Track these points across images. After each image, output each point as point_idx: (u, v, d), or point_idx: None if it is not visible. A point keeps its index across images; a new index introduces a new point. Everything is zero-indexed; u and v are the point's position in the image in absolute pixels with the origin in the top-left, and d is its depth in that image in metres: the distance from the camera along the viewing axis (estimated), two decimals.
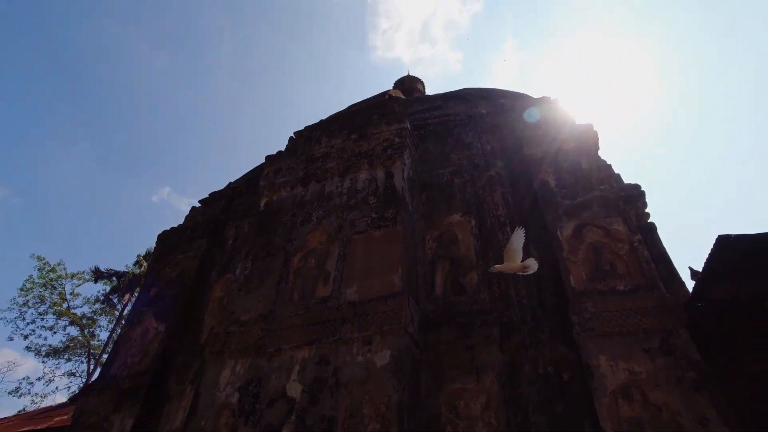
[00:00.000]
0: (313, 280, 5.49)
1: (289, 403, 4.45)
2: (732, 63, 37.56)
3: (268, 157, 7.52)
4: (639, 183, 8.14)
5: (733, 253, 3.92)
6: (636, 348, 4.65)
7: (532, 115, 7.16)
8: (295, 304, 5.30)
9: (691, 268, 5.00)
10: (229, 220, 7.98)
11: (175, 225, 8.62)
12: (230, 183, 9.30)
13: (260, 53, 56.81)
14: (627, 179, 8.34)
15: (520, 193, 6.67)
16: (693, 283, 5.28)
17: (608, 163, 6.84)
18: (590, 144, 7.00)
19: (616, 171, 7.52)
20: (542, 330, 5.12)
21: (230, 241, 7.59)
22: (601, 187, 6.27)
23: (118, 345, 7.16)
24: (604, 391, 4.43)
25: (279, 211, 6.59)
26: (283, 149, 7.72)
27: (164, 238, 8.37)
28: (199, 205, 9.11)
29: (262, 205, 6.87)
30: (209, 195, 9.04)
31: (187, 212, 8.97)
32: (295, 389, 4.54)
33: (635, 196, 7.82)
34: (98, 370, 17.73)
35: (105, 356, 18.27)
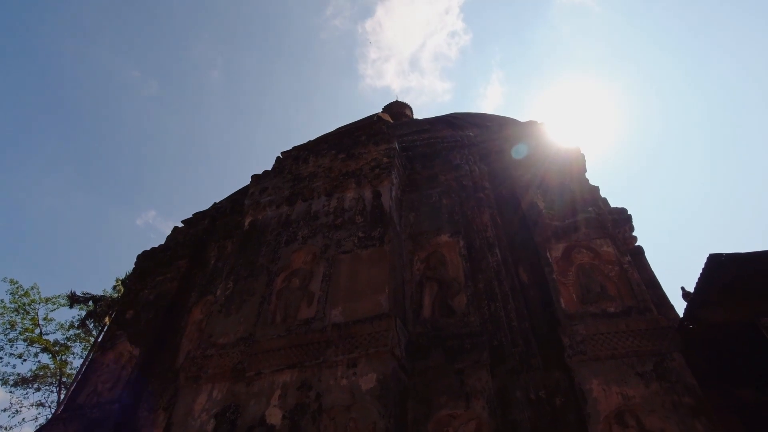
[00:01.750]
0: (296, 301, 5.28)
1: (269, 431, 4.18)
2: (718, 88, 39.07)
3: (254, 177, 7.39)
4: (625, 207, 8.24)
5: (725, 272, 3.87)
6: (629, 372, 4.52)
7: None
8: (277, 326, 5.07)
9: (683, 288, 4.95)
10: (212, 240, 7.76)
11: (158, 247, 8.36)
12: (215, 203, 9.11)
13: (250, 79, 57.40)
14: (612, 204, 8.42)
15: (509, 215, 6.63)
16: (684, 304, 5.23)
17: (595, 185, 6.87)
18: (577, 166, 7.04)
19: (603, 195, 7.57)
20: (533, 354, 4.98)
21: (212, 262, 7.35)
22: (589, 209, 6.27)
23: (88, 371, 6.77)
24: (597, 416, 4.27)
25: (263, 231, 6.41)
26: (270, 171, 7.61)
27: (143, 258, 8.09)
28: (182, 225, 8.87)
29: (246, 224, 6.69)
30: (192, 215, 8.83)
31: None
32: (275, 416, 4.27)
33: (622, 219, 7.86)
34: None
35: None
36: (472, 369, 4.62)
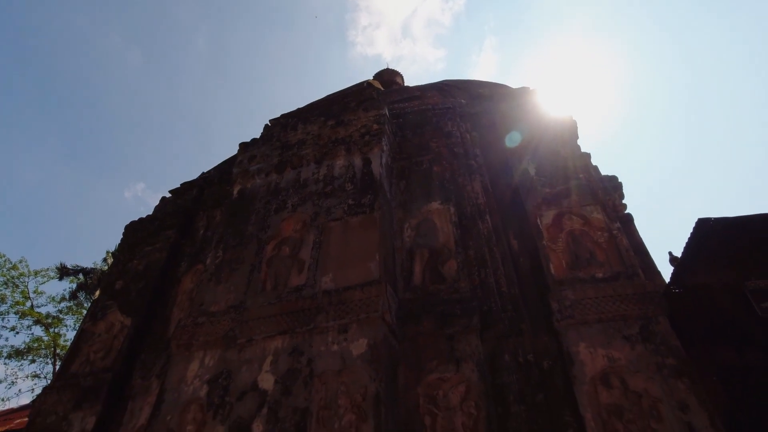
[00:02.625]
0: (286, 269, 5.27)
1: (261, 396, 4.23)
2: (711, 53, 38.81)
3: (241, 145, 7.25)
4: (616, 175, 8.24)
5: (713, 236, 3.90)
6: (616, 335, 4.60)
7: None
8: (267, 294, 5.07)
9: (670, 253, 5.00)
10: (201, 209, 7.66)
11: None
12: (203, 173, 8.96)
13: (236, 47, 55.78)
14: (603, 172, 8.41)
15: (500, 182, 6.60)
16: (671, 269, 5.30)
17: (587, 152, 6.84)
18: (569, 134, 6.98)
19: (594, 163, 7.55)
20: (522, 319, 5.04)
21: (201, 231, 7.27)
22: (580, 175, 6.26)
23: (79, 341, 6.76)
24: (583, 378, 4.37)
25: (252, 199, 6.33)
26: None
27: (131, 229, 7.98)
28: (170, 195, 8.74)
29: (235, 192, 6.60)
30: (180, 185, 8.68)
31: None
32: (267, 381, 4.32)
33: (613, 187, 7.86)
34: None
35: None
36: (462, 334, 4.67)
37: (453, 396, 4.33)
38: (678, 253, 5.09)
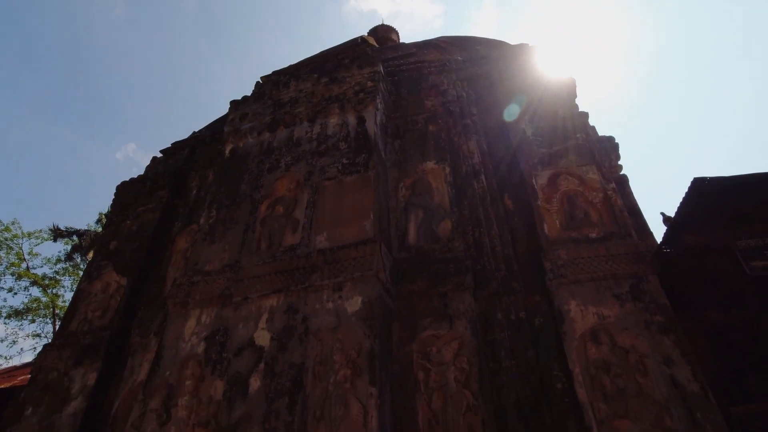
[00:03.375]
0: (280, 229, 5.26)
1: (258, 352, 4.31)
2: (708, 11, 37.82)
3: (232, 102, 7.06)
4: (613, 136, 8.15)
5: (708, 195, 3.89)
6: (606, 293, 4.68)
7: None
8: (262, 253, 5.08)
9: (663, 214, 5.03)
10: (192, 169, 7.55)
11: None
12: (194, 132, 8.78)
13: (226, 1, 53.52)
14: (600, 132, 8.32)
15: (496, 142, 6.51)
16: (664, 230, 5.34)
17: (585, 112, 6.73)
18: (568, 93, 6.85)
19: (591, 123, 7.45)
20: (515, 278, 5.10)
21: (194, 192, 7.21)
22: (577, 135, 6.19)
23: (76, 300, 6.82)
24: (573, 335, 4.47)
25: (245, 158, 6.23)
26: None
27: (123, 189, 7.89)
28: (161, 155, 8.59)
29: (227, 152, 6.49)
30: (171, 144, 8.52)
31: None
32: (263, 338, 4.39)
33: (609, 147, 7.80)
34: None
35: None
36: (455, 292, 4.73)
37: (446, 352, 4.43)
38: (672, 214, 5.12)
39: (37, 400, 5.75)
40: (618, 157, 7.98)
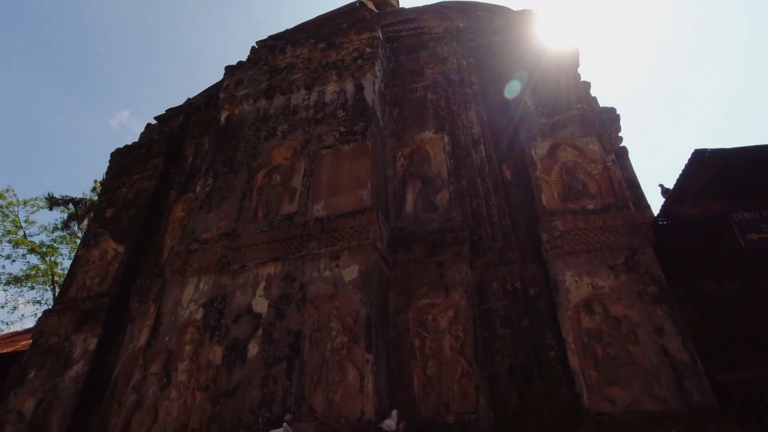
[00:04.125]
0: (277, 197, 5.23)
1: (256, 319, 4.36)
2: None
3: (227, 68, 6.89)
4: (614, 107, 8.05)
5: (707, 167, 3.87)
6: (601, 265, 4.73)
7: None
8: (259, 222, 5.06)
9: (662, 186, 5.00)
10: (188, 137, 7.44)
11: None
12: (189, 99, 8.61)
13: None
14: (602, 104, 8.21)
15: (496, 111, 6.41)
16: (662, 202, 5.34)
17: (587, 81, 6.61)
18: (570, 62, 6.71)
19: (593, 94, 7.34)
20: (512, 248, 5.13)
21: (189, 159, 7.12)
22: (579, 105, 6.11)
23: (75, 268, 6.85)
24: (567, 304, 4.54)
25: (241, 126, 6.13)
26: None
27: (118, 156, 7.80)
28: (156, 122, 8.45)
29: (222, 119, 6.38)
30: (166, 111, 8.37)
31: None
32: (260, 305, 4.43)
33: (610, 119, 7.71)
34: None
35: None
36: (452, 262, 4.76)
37: (442, 320, 4.50)
38: (671, 187, 5.10)
39: (39, 363, 5.84)
40: (619, 129, 7.91)
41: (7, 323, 19.86)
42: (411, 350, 4.37)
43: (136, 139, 8.18)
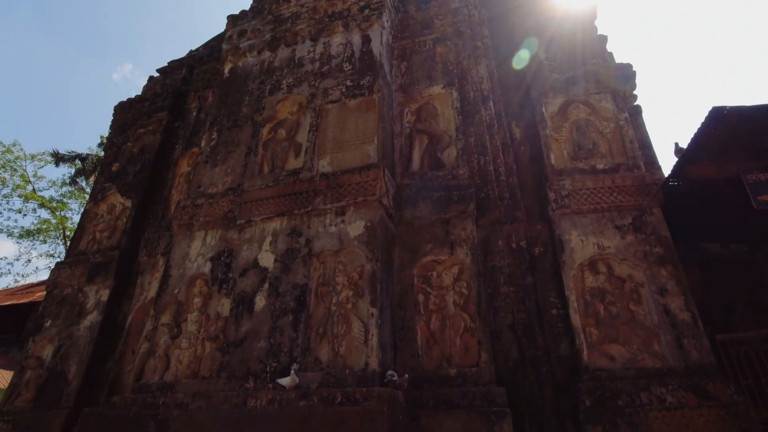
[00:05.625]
0: (283, 152, 5.17)
1: (262, 273, 4.43)
2: None
3: (230, 17, 6.65)
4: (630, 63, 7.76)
5: (725, 125, 3.75)
6: (608, 225, 4.70)
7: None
8: (264, 177, 5.04)
9: (676, 144, 4.90)
10: (191, 90, 7.30)
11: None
12: (191, 51, 8.39)
13: None
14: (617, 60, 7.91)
15: (507, 66, 6.20)
16: (673, 162, 5.23)
17: (604, 35, 6.33)
18: (588, 14, 6.41)
19: (608, 49, 7.05)
20: (518, 207, 5.10)
21: (194, 113, 7.03)
22: (594, 61, 5.89)
23: (84, 221, 6.94)
24: (572, 264, 4.55)
25: (245, 79, 5.99)
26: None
27: (121, 110, 7.71)
28: (158, 75, 8.28)
29: (226, 71, 6.22)
30: (168, 63, 8.18)
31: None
32: (267, 259, 4.49)
33: (626, 76, 7.44)
34: None
35: None
36: (457, 219, 4.75)
37: (446, 277, 4.54)
38: (686, 146, 4.99)
39: (54, 313, 6.04)
40: (634, 87, 7.64)
41: (22, 275, 20.41)
42: (415, 305, 4.44)
43: (139, 93, 8.05)
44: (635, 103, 7.46)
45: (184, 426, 3.70)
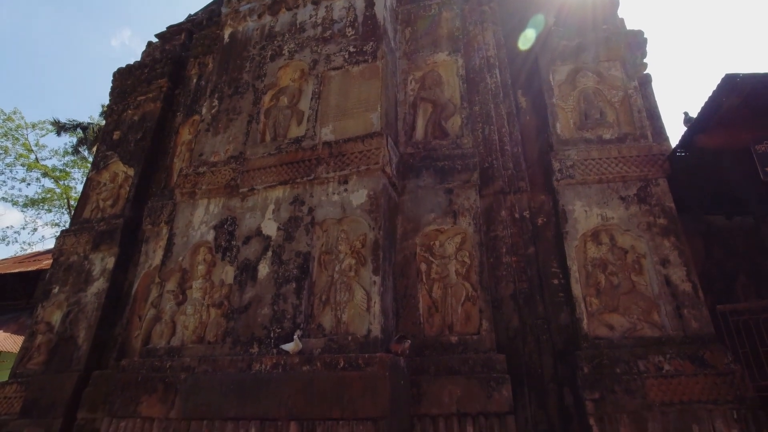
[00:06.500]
0: (285, 120, 5.11)
1: (265, 241, 4.45)
2: None
3: None
4: (642, 30, 7.53)
5: (737, 93, 3.66)
6: (613, 195, 4.67)
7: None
8: (266, 145, 4.99)
9: (686, 114, 4.80)
10: (191, 56, 7.15)
11: None
12: (190, 15, 8.18)
13: None
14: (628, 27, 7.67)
15: (514, 33, 6.02)
16: (681, 133, 5.14)
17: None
18: None
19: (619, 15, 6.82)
20: (522, 177, 5.06)
21: (194, 80, 6.91)
22: (604, 27, 5.71)
23: (87, 189, 6.94)
24: (575, 234, 4.54)
25: (245, 44, 5.85)
26: None
27: (120, 76, 7.58)
28: (157, 40, 8.11)
29: (225, 36, 6.07)
30: (167, 28, 8.00)
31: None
32: (270, 228, 4.50)
33: (636, 43, 7.24)
34: None
35: None
36: (461, 189, 4.73)
37: (449, 246, 4.55)
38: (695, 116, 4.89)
39: (62, 279, 6.13)
40: (644, 55, 7.45)
41: (29, 244, 20.62)
42: (417, 274, 4.47)
43: (139, 59, 7.90)
44: (645, 72, 7.29)
45: (191, 388, 3.80)
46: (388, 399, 3.31)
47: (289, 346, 3.75)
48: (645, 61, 7.51)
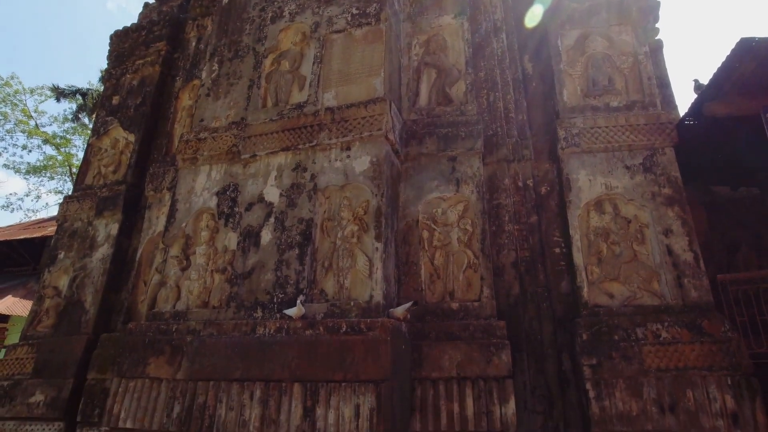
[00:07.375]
0: (287, 85, 5.01)
1: (268, 207, 4.44)
2: None
3: None
4: None
5: (752, 59, 3.56)
6: (618, 164, 4.61)
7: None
8: (268, 111, 4.92)
9: (696, 81, 4.68)
10: (189, 18, 6.95)
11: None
12: None
13: None
14: None
15: None
16: (691, 102, 5.04)
17: None
18: None
19: None
20: (526, 145, 4.99)
21: (193, 44, 6.74)
22: None
23: (88, 155, 6.90)
24: (578, 203, 4.52)
25: (245, 5, 5.67)
26: None
27: (117, 39, 7.40)
28: (154, 1, 7.88)
29: None
30: None
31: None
32: (272, 194, 4.49)
33: (650, 6, 6.99)
34: None
35: None
36: (464, 156, 4.68)
37: (451, 214, 4.55)
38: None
39: (67, 245, 6.18)
40: (657, 19, 7.19)
41: (33, 211, 20.75)
42: (419, 241, 4.49)
43: (136, 22, 7.69)
44: (657, 38, 7.08)
45: (196, 351, 3.89)
46: (389, 362, 3.39)
47: (292, 311, 3.80)
48: (657, 26, 7.29)
